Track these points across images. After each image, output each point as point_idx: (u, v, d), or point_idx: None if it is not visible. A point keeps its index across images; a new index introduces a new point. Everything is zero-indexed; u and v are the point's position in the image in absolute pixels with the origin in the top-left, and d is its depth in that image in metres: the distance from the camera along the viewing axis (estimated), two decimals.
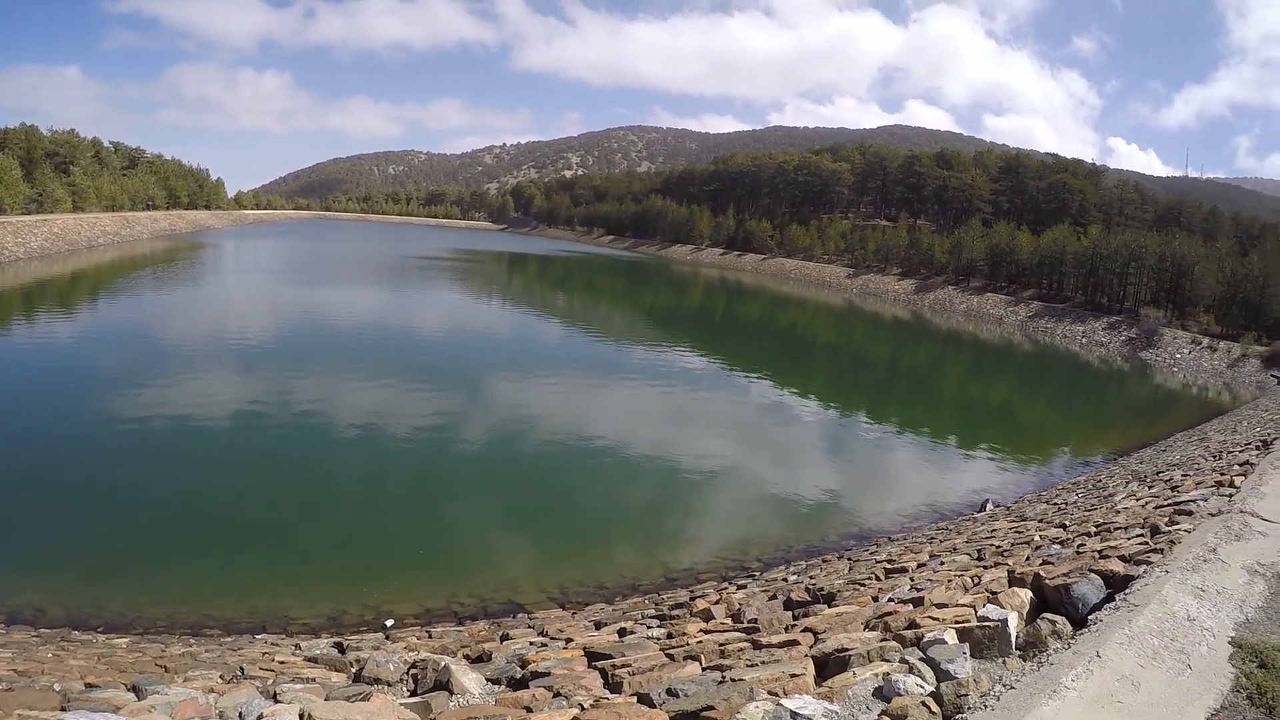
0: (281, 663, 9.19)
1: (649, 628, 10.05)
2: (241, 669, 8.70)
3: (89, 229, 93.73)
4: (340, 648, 10.33)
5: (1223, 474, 15.06)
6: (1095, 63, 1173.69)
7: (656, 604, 12.96)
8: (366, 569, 14.90)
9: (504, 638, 10.62)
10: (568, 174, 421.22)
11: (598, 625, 11.10)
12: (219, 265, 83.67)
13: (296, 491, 18.80)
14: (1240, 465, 16.08)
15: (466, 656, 9.11)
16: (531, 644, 9.58)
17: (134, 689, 7.15)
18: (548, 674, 7.09)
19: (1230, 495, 11.84)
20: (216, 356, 32.62)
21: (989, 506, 21.15)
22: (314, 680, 7.90)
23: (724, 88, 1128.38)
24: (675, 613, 11.30)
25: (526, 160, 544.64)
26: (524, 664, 7.78)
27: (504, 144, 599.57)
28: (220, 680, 8.08)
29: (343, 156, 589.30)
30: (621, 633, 9.90)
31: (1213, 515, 10.24)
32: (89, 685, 7.68)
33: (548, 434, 25.31)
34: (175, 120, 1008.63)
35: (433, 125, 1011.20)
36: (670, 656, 7.45)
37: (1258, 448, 19.03)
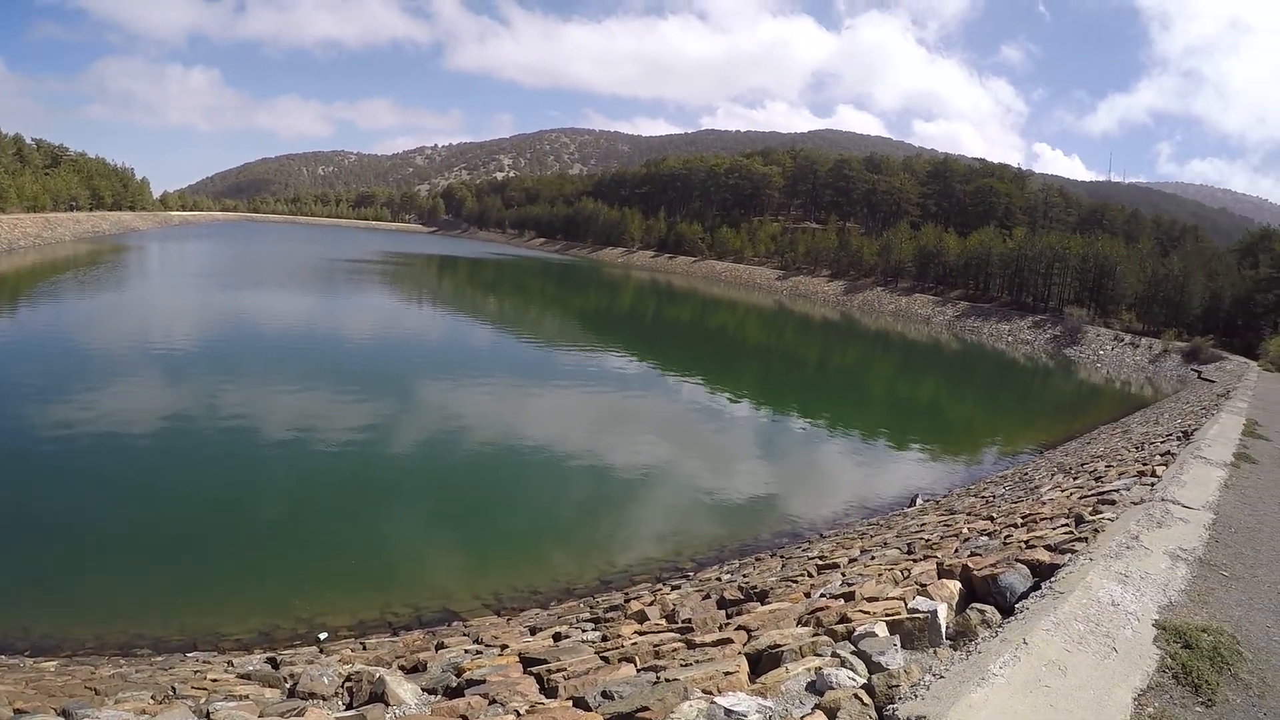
0: (214, 681, 9.00)
1: (584, 631, 10.05)
2: (173, 689, 8.48)
3: (9, 230, 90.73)
4: (273, 663, 10.15)
5: (1145, 464, 15.54)
6: (1022, 71, 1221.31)
7: (591, 607, 12.95)
8: (299, 581, 14.62)
9: (439, 646, 10.53)
10: (499, 176, 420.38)
11: (533, 630, 11.06)
12: (144, 269, 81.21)
13: (225, 504, 18.32)
14: (1162, 455, 16.62)
15: (402, 667, 9.02)
16: (467, 652, 9.51)
17: (64, 713, 6.95)
18: (483, 681, 7.06)
19: (1152, 484, 12.24)
20: (140, 365, 31.68)
21: (918, 501, 21.53)
22: (247, 697, 7.75)
23: (657, 90, 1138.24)
24: (610, 615, 11.32)
25: (458, 162, 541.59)
26: (459, 672, 7.74)
27: (435, 145, 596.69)
28: (152, 701, 7.89)
29: (271, 156, 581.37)
30: (557, 637, 9.88)
31: (1135, 504, 10.57)
32: (18, 711, 7.45)
33: (481, 439, 25.10)
34: (100, 116, 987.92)
35: (363, 125, 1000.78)
36: (605, 659, 7.47)
37: (1179, 438, 19.66)
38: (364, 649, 11.42)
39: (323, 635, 12.62)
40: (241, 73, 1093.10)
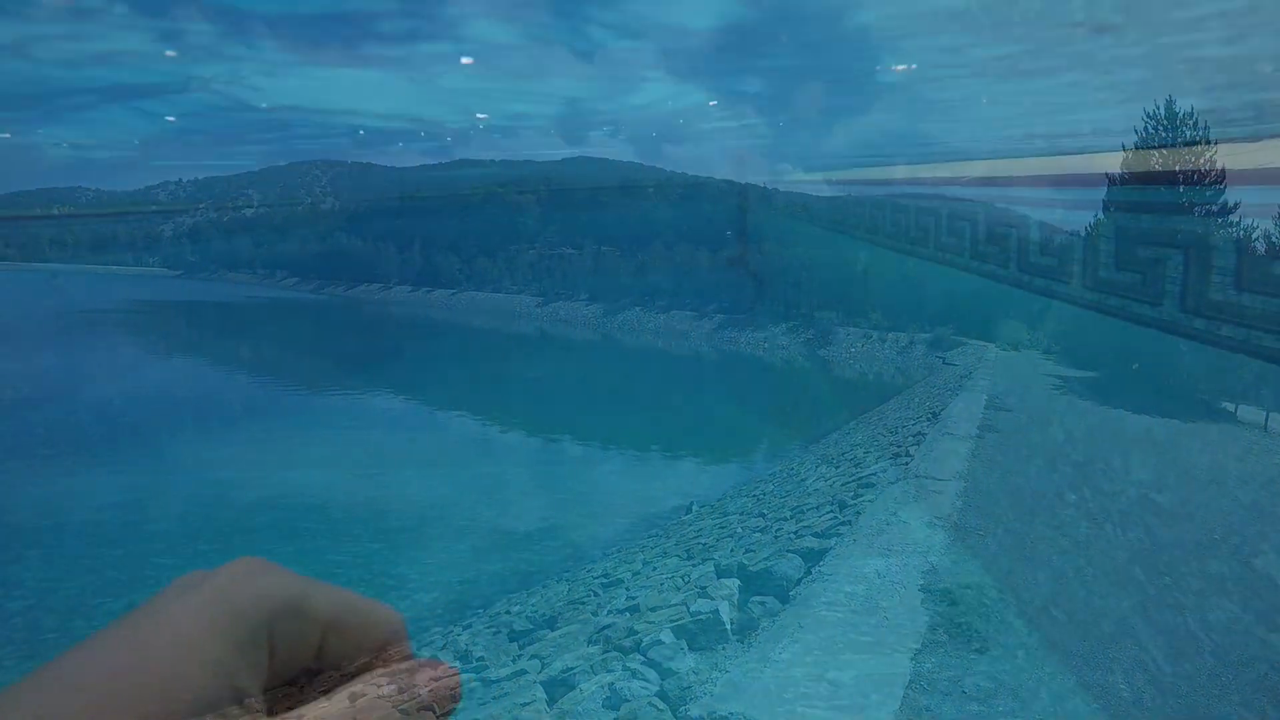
0: None
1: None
2: None
3: None
4: None
5: (899, 446, 16.61)
6: (767, 97, 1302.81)
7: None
8: None
9: None
10: (249, 212, 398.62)
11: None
12: None
13: None
14: (914, 436, 17.79)
15: None
16: None
17: None
18: None
19: (906, 464, 13.14)
20: None
21: (694, 508, 22.02)
22: None
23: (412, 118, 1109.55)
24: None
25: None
26: None
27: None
28: None
29: None
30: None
31: (892, 483, 11.34)
32: None
33: (244, 498, 23.54)
34: None
35: None
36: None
37: (928, 419, 21.21)
38: None
39: None
40: None
